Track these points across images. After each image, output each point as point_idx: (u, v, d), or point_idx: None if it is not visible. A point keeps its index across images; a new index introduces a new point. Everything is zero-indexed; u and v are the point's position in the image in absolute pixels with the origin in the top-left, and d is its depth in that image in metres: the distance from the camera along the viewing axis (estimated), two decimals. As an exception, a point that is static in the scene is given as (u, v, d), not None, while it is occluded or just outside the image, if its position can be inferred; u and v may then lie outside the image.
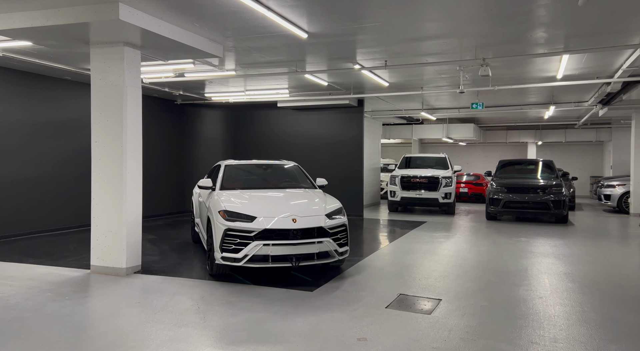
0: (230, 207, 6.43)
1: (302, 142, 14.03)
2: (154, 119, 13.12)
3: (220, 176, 7.64)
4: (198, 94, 12.59)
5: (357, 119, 13.48)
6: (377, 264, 7.49)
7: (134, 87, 6.72)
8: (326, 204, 6.78)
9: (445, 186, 14.23)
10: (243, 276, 6.55)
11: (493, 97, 13.33)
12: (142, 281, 6.34)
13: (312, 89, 11.76)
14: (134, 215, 6.77)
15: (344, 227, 6.72)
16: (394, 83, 10.89)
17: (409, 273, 6.94)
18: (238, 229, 6.16)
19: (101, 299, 5.48)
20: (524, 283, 6.46)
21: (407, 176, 14.48)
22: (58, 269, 6.92)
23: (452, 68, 9.30)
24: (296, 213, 6.33)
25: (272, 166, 8.25)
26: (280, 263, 6.14)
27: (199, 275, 6.65)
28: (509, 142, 24.88)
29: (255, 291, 5.92)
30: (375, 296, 5.74)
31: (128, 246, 6.66)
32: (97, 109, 6.73)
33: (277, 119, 14.29)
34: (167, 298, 5.56)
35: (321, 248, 6.30)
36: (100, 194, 6.76)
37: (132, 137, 6.71)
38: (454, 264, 7.60)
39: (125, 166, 6.62)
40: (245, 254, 6.06)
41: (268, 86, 11.40)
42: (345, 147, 13.58)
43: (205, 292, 5.82)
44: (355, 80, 10.59)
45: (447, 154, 16.10)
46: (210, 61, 8.85)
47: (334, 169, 13.67)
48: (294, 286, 6.12)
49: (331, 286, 6.19)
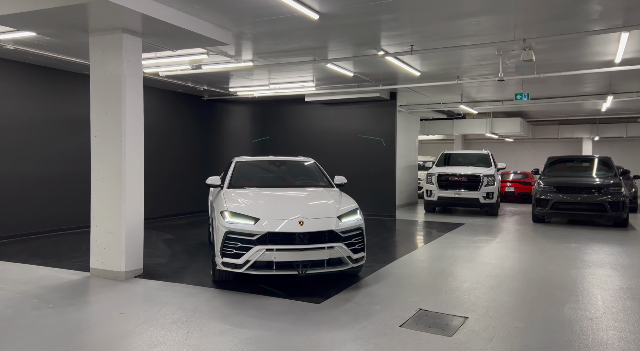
0: (233, 207, 5.84)
1: (331, 138, 13.32)
2: (180, 116, 12.81)
3: (229, 174, 7.08)
4: (222, 89, 12.14)
5: (390, 113, 12.62)
6: (400, 272, 6.70)
7: (134, 78, 6.25)
8: (340, 205, 6.06)
9: (487, 185, 13.14)
10: (249, 283, 5.93)
11: (540, 87, 12.12)
12: (140, 286, 5.85)
13: (339, 81, 11.03)
14: (134, 216, 6.31)
15: (360, 230, 5.99)
16: (427, 73, 9.98)
17: (435, 283, 6.11)
18: (239, 231, 5.56)
19: (86, 308, 5.02)
20: (571, 299, 5.50)
21: (445, 174, 13.49)
22: (59, 271, 6.56)
23: (490, 54, 8.32)
24: (304, 215, 5.66)
25: (286, 162, 7.61)
26: (285, 271, 5.50)
27: (201, 281, 6.10)
28: (562, 138, 23.12)
29: (256, 301, 5.29)
30: (390, 312, 4.98)
31: (127, 248, 6.20)
32: (96, 102, 6.32)
33: (306, 115, 13.65)
34: (156, 308, 5.03)
35: (332, 254, 5.59)
36: (100, 193, 6.34)
37: (132, 131, 6.24)
38: (489, 273, 6.69)
39: (124, 163, 6.15)
40: (247, 260, 5.45)
41: (292, 79, 10.78)
42: (377, 144, 12.74)
43: (201, 302, 5.24)
44: (384, 70, 9.78)
45: (490, 151, 14.94)
46: (226, 51, 8.32)
47: (364, 167, 12.88)
48: (300, 297, 5.46)
49: (342, 297, 5.47)
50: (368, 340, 4.21)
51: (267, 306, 5.14)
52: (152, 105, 11.99)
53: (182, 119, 12.89)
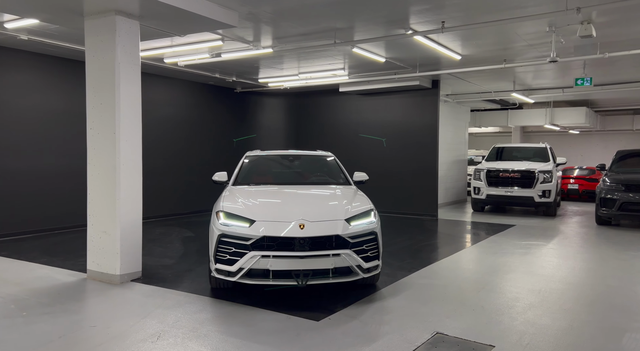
0: (229, 207, 5.21)
1: (367, 130, 12.43)
2: (212, 108, 12.42)
3: (236, 169, 6.47)
4: (252, 80, 11.59)
5: (432, 103, 11.55)
6: (424, 283, 5.81)
7: (129, 65, 5.75)
8: (351, 206, 5.28)
9: (543, 182, 11.77)
10: (250, 292, 5.28)
11: (607, 71, 10.60)
12: (131, 292, 5.36)
13: (373, 68, 10.14)
14: (130, 215, 5.83)
15: (373, 235, 5.17)
16: (469, 56, 8.88)
17: (463, 298, 5.19)
18: (233, 235, 4.92)
19: (60, 318, 4.56)
20: (634, 326, 4.41)
21: (495, 170, 12.24)
22: (58, 272, 6.22)
23: (542, 31, 7.15)
24: (305, 217, 4.92)
25: (300, 157, 6.89)
26: (283, 281, 4.80)
27: (199, 288, 5.52)
28: (637, 130, 20.79)
29: (247, 316, 4.62)
30: (400, 334, 4.16)
31: (123, 250, 5.74)
32: (91, 91, 5.88)
33: (340, 106, 12.83)
34: (135, 320, 4.49)
35: (338, 262, 4.83)
36: (95, 189, 5.92)
37: (127, 122, 5.75)
38: (532, 287, 5.66)
39: (118, 157, 5.68)
40: (241, 268, 4.80)
41: (322, 67, 10.02)
42: (417, 136, 11.73)
43: (186, 314, 4.65)
44: (421, 54, 8.80)
45: (549, 145, 13.46)
46: (243, 37, 7.71)
47: (404, 162, 11.91)
48: (300, 311, 4.74)
49: (348, 313, 4.70)
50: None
51: (257, 322, 4.46)
52: (181, 97, 11.66)
53: (215, 111, 12.49)
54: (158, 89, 11.07)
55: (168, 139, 11.30)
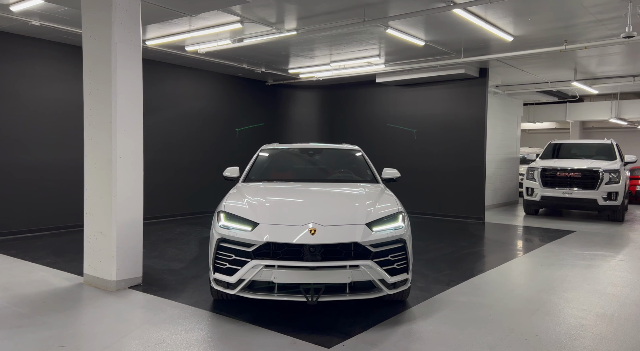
0: (231, 207, 4.47)
1: (406, 125, 11.41)
2: (242, 102, 11.81)
3: (249, 164, 5.74)
4: (282, 71, 10.86)
5: (479, 95, 10.39)
6: (464, 301, 4.85)
7: (128, 45, 5.12)
8: (374, 208, 4.41)
9: (608, 183, 10.38)
10: (256, 305, 4.52)
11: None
12: (122, 303, 4.72)
13: (411, 55, 9.14)
14: (129, 214, 5.20)
15: (401, 243, 4.28)
16: (523, 37, 7.74)
17: (512, 324, 4.20)
18: (233, 240, 4.17)
19: (25, 334, 3.95)
20: None
21: (551, 169, 10.93)
22: (56, 274, 5.69)
23: (614, 2, 5.98)
24: (318, 220, 4.10)
25: (321, 151, 6.07)
26: (290, 296, 4.00)
27: (200, 299, 4.81)
28: None
29: (245, 337, 3.86)
30: (428, 374, 3.26)
31: (119, 253, 5.11)
32: (88, 76, 5.29)
33: (377, 99, 11.87)
34: (111, 340, 3.81)
35: (357, 275, 3.99)
36: (91, 185, 5.33)
37: (125, 110, 5.12)
38: (601, 311, 4.58)
39: (114, 149, 5.05)
40: (241, 279, 4.05)
41: (355, 55, 9.14)
42: (462, 131, 10.61)
43: (173, 333, 3.94)
44: (466, 36, 7.75)
45: (615, 141, 11.96)
46: (265, 18, 6.97)
47: (447, 160, 10.82)
48: (309, 333, 3.93)
49: (366, 339, 3.84)
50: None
51: (255, 347, 3.68)
52: (209, 90, 11.10)
53: (245, 105, 11.86)
54: (184, 81, 10.55)
55: (196, 134, 10.76)
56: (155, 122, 9.82)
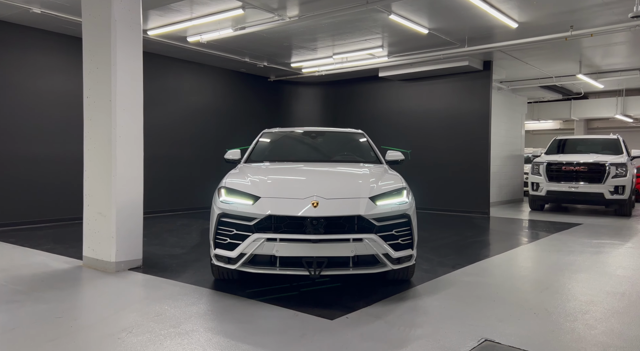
0: (232, 183, 4.39)
1: (410, 120, 11.32)
2: (245, 98, 11.77)
3: (250, 147, 5.67)
4: (284, 65, 10.81)
5: (483, 88, 10.32)
6: (470, 281, 4.73)
7: (128, 23, 5.08)
8: (378, 184, 4.31)
9: (615, 177, 10.24)
10: (258, 283, 4.42)
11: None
12: (122, 282, 4.63)
13: (414, 46, 9.07)
14: (128, 194, 5.12)
15: (406, 219, 4.18)
16: (527, 24, 7.66)
17: (520, 300, 4.09)
18: (234, 214, 4.08)
19: (22, 308, 3.87)
20: None
21: (557, 163, 10.80)
22: (56, 258, 5.61)
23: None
24: (320, 194, 4.01)
25: (324, 133, 5.99)
26: (292, 270, 3.91)
27: (201, 279, 4.71)
28: None
29: (246, 311, 3.76)
30: (436, 340, 3.15)
31: (119, 233, 5.03)
32: (87, 54, 5.25)
33: (380, 95, 11.79)
34: (108, 312, 3.72)
35: (360, 249, 3.89)
36: (91, 166, 5.26)
37: (125, 89, 5.07)
38: (612, 289, 4.47)
39: (114, 128, 4.99)
40: (242, 253, 3.95)
41: (357, 46, 9.09)
42: (467, 125, 10.52)
43: (172, 307, 3.84)
44: (470, 24, 7.69)
45: (621, 136, 11.83)
46: (267, 3, 6.93)
47: (451, 155, 10.72)
48: (312, 308, 3.82)
49: (371, 312, 3.73)
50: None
51: (257, 319, 3.58)
52: (212, 85, 11.06)
53: (247, 101, 11.82)
54: (186, 76, 10.52)
55: (198, 129, 10.71)
56: (157, 117, 9.78)
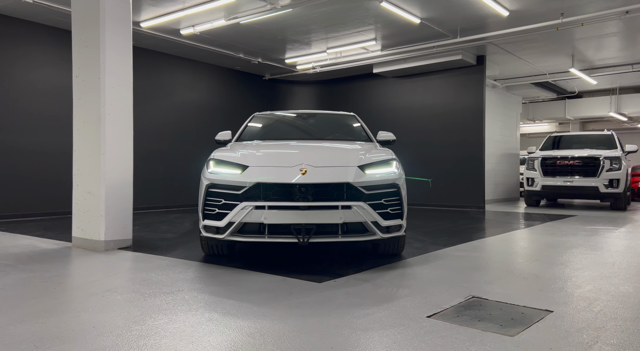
0: (221, 155, 4.38)
1: (405, 117, 11.36)
2: (239, 96, 11.80)
3: (241, 128, 5.67)
4: (278, 61, 10.87)
5: (476, 83, 10.38)
6: (462, 255, 4.71)
7: (116, 1, 5.10)
8: (367, 155, 4.31)
9: (609, 170, 10.24)
10: (249, 256, 4.39)
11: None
12: (112, 258, 4.59)
13: (407, 38, 9.12)
14: (118, 172, 5.11)
15: (395, 188, 4.17)
16: (518, 13, 7.70)
17: (510, 268, 4.08)
18: (223, 184, 4.06)
19: (7, 275, 3.84)
20: None
21: (552, 157, 10.81)
22: (45, 241, 5.57)
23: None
24: (309, 162, 4.01)
25: (315, 115, 6.00)
26: (281, 238, 3.88)
27: (191, 255, 4.67)
28: None
29: (233, 277, 3.74)
30: (422, 298, 3.13)
31: (108, 212, 5.00)
32: (77, 33, 5.28)
33: (375, 92, 11.85)
34: (95, 278, 3.69)
35: (349, 216, 3.87)
36: (80, 145, 5.25)
37: (114, 66, 5.08)
38: (602, 261, 4.44)
39: (103, 105, 4.99)
40: (230, 222, 3.93)
41: (351, 39, 9.15)
42: (461, 121, 10.55)
43: (160, 274, 3.82)
44: (461, 13, 7.75)
45: (615, 132, 11.86)
46: (258, -5, 7.00)
47: (446, 151, 10.74)
48: (301, 274, 3.79)
49: (359, 277, 3.71)
50: (363, 331, 2.44)
51: (244, 283, 3.55)
52: (206, 82, 11.10)
53: (242, 100, 11.85)
54: (180, 73, 10.56)
55: (192, 126, 10.71)
56: (151, 113, 9.80)
